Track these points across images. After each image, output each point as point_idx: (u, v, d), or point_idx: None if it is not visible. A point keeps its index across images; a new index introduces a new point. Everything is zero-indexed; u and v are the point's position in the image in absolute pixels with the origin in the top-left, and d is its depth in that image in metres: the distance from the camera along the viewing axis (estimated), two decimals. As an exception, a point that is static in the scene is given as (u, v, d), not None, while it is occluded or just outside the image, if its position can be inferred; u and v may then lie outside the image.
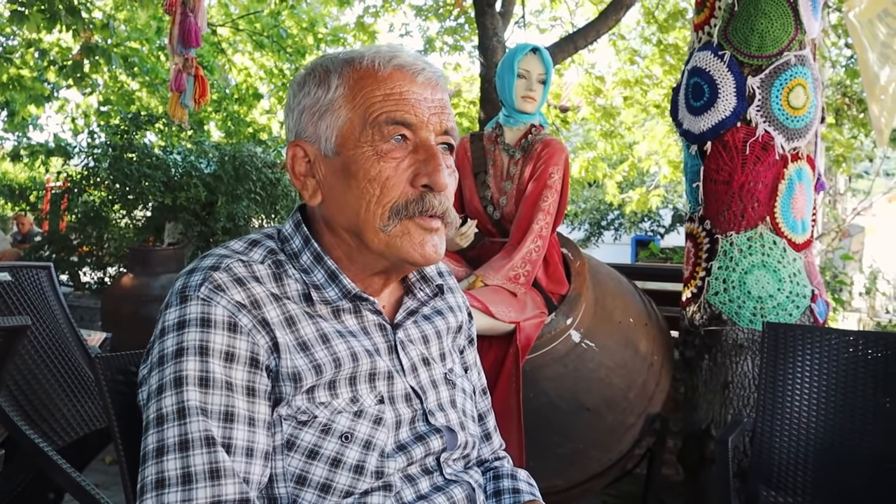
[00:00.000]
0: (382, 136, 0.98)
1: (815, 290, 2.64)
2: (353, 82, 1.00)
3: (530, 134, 2.62)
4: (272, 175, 6.66)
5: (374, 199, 0.98)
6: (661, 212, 14.61)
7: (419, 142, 0.99)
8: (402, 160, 0.98)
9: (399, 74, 0.99)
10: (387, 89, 0.98)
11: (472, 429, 1.13)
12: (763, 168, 2.60)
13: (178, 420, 0.88)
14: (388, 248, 0.99)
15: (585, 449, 2.61)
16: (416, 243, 0.99)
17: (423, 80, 1.00)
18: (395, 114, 0.98)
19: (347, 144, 0.99)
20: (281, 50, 9.66)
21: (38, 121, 11.00)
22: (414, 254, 0.99)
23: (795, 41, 2.59)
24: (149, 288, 5.11)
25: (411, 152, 0.99)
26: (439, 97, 1.02)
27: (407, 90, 0.99)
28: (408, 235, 0.98)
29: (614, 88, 8.97)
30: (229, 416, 0.90)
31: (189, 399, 0.88)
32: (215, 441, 0.88)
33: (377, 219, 0.98)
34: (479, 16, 5.89)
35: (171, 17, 4.21)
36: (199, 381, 0.89)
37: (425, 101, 1.00)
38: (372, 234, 0.99)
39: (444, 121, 1.01)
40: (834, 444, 2.14)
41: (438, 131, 1.01)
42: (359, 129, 0.99)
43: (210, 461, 0.87)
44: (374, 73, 1.00)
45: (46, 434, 2.29)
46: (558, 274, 2.61)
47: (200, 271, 0.96)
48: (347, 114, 0.99)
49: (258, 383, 0.93)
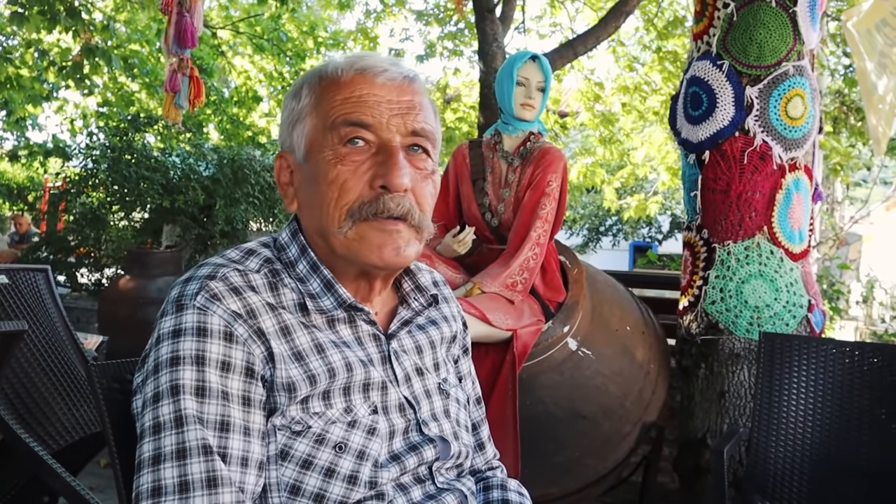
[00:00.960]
0: (340, 138, 0.98)
1: (811, 300, 2.65)
2: (320, 90, 1.01)
3: (529, 141, 2.62)
4: (271, 179, 6.67)
5: (333, 203, 0.98)
6: (660, 218, 14.63)
7: (381, 143, 0.99)
8: (362, 163, 0.99)
9: (359, 78, 1.00)
10: (346, 93, 0.99)
11: (465, 439, 1.13)
12: (761, 178, 2.60)
13: (176, 428, 0.87)
14: (348, 251, 1.00)
15: (581, 457, 2.61)
16: (373, 246, 0.98)
17: (385, 81, 1.00)
18: (352, 115, 0.98)
19: (313, 150, 1.01)
20: (281, 53, 9.67)
21: (37, 121, 10.98)
22: (372, 256, 0.99)
23: (794, 52, 2.60)
24: (146, 290, 5.11)
25: (373, 154, 0.99)
26: (408, 98, 1.01)
27: (367, 92, 0.99)
28: (364, 238, 0.98)
29: (613, 95, 8.99)
30: (225, 425, 0.90)
31: (186, 408, 0.88)
32: (212, 450, 0.88)
33: (335, 221, 0.99)
34: (479, 21, 5.91)
35: (167, 16, 4.21)
36: (195, 390, 0.89)
37: (387, 103, 0.99)
38: (333, 238, 1.00)
39: (409, 122, 1.00)
40: (830, 455, 2.14)
41: (404, 132, 1.00)
42: (321, 135, 1.00)
43: (207, 470, 0.87)
44: (337, 79, 1.01)
45: (42, 438, 2.29)
46: (556, 282, 2.61)
47: (196, 280, 0.96)
48: (313, 121, 1.01)
49: (253, 393, 0.93)
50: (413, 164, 1.01)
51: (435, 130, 1.05)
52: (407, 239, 1.00)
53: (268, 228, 7.23)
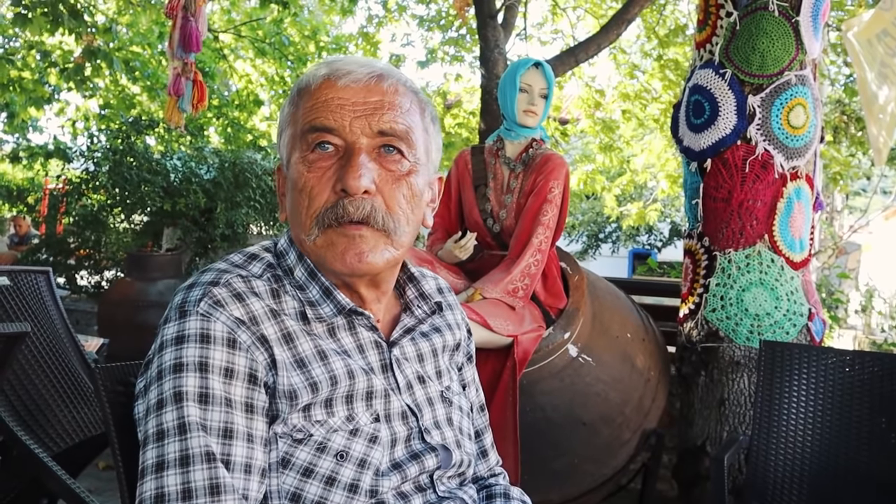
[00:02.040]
0: (308, 144, 0.98)
1: (812, 309, 2.65)
2: (297, 100, 1.01)
3: (531, 148, 2.63)
4: (272, 182, 6.67)
5: (304, 210, 0.98)
6: (659, 225, 14.64)
7: (346, 147, 0.98)
8: (328, 168, 0.98)
9: (325, 83, 0.99)
10: (314, 100, 0.99)
11: (468, 447, 1.13)
12: (762, 186, 2.61)
13: (179, 435, 0.87)
14: (317, 258, 1.00)
15: (580, 463, 2.61)
16: (338, 252, 0.98)
17: (348, 83, 0.98)
18: (315, 121, 0.98)
19: (290, 159, 1.01)
20: (283, 57, 9.68)
21: (38, 123, 10.99)
22: (336, 263, 0.98)
23: (796, 61, 2.61)
24: (146, 293, 5.10)
25: (339, 158, 0.98)
26: (376, 98, 0.99)
27: (331, 97, 0.98)
28: (331, 245, 0.98)
29: (614, 102, 9.00)
30: (228, 432, 0.90)
31: (189, 415, 0.88)
32: (215, 457, 0.88)
33: (306, 228, 0.99)
34: (481, 27, 5.91)
35: (172, 21, 4.23)
36: (198, 397, 0.89)
37: (351, 105, 0.97)
38: (304, 245, 1.00)
39: (374, 122, 0.98)
40: (829, 464, 2.15)
41: (370, 134, 0.98)
42: (294, 143, 1.00)
43: (210, 477, 0.87)
44: (308, 88, 1.00)
45: (42, 440, 2.29)
46: (557, 288, 2.61)
47: (200, 286, 0.96)
48: (290, 130, 1.02)
49: (256, 399, 0.93)
50: (383, 165, 0.99)
51: (412, 128, 1.01)
52: (372, 244, 0.98)
53: (269, 232, 7.23)
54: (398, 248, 1.01)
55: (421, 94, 1.06)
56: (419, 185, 1.03)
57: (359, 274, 1.00)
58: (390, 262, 1.02)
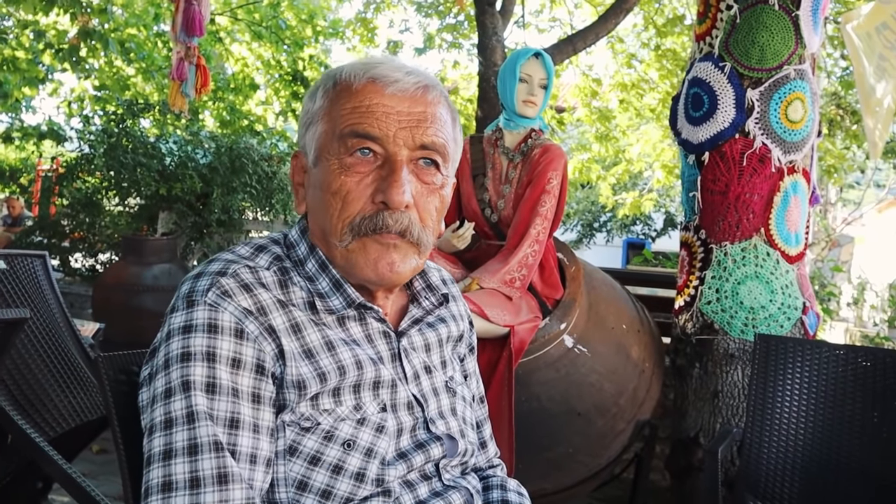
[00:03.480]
0: (347, 148, 0.97)
1: (806, 303, 2.67)
2: (334, 95, 1.00)
3: (530, 138, 2.63)
4: (268, 168, 6.65)
5: (336, 213, 0.98)
6: (654, 215, 14.67)
7: (387, 156, 0.98)
8: (367, 175, 0.98)
9: (371, 87, 0.98)
10: (356, 102, 0.98)
11: (471, 436, 1.14)
12: (759, 180, 2.62)
13: (187, 424, 0.88)
14: (346, 263, 1.00)
15: (575, 453, 2.63)
16: (370, 260, 0.98)
17: (395, 92, 0.98)
18: (359, 126, 0.97)
19: (321, 156, 1.00)
20: (279, 41, 9.63)
21: (31, 103, 10.92)
22: (367, 271, 0.99)
23: (795, 55, 2.61)
24: (141, 277, 5.08)
25: (378, 167, 0.98)
26: (420, 110, 0.99)
27: (377, 103, 0.97)
28: (363, 252, 0.98)
29: (611, 91, 8.99)
30: (234, 422, 0.90)
31: (197, 404, 0.89)
32: (223, 446, 0.88)
33: (337, 233, 0.99)
34: (479, 14, 5.89)
35: (175, 4, 4.20)
36: (206, 386, 0.90)
37: (396, 115, 0.97)
38: (334, 249, 1.00)
39: (418, 135, 0.98)
40: (822, 457, 2.17)
41: (412, 146, 0.98)
42: (329, 142, 0.99)
43: (218, 466, 0.87)
44: (349, 86, 0.99)
45: (38, 424, 2.29)
46: (553, 279, 2.62)
47: (207, 276, 0.96)
48: (323, 126, 1.00)
49: (263, 390, 0.94)
50: (420, 177, 1.00)
51: (449, 142, 1.03)
52: (404, 254, 0.99)
53: (264, 218, 7.21)
54: (423, 258, 1.03)
55: (450, 101, 1.06)
56: (448, 197, 1.05)
57: (387, 283, 1.02)
58: (415, 272, 1.04)
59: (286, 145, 8.00)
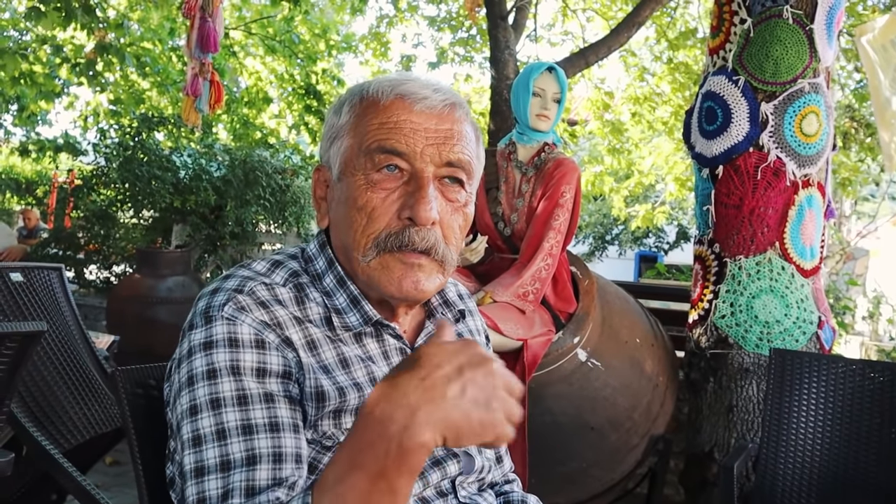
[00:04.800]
0: (374, 164, 0.97)
1: (821, 317, 2.65)
2: (360, 111, 1.00)
3: (543, 152, 2.63)
4: (282, 181, 6.68)
5: (361, 229, 0.98)
6: (666, 228, 14.63)
7: (413, 173, 0.98)
8: (393, 191, 0.97)
9: (399, 103, 0.98)
10: (384, 118, 0.98)
11: (487, 453, 1.14)
12: (774, 194, 2.61)
13: (218, 441, 0.88)
14: (369, 279, 1.00)
15: (588, 468, 2.62)
16: (394, 278, 0.98)
17: (423, 109, 0.98)
18: (386, 142, 0.97)
19: (347, 171, 1.00)
20: (292, 55, 9.70)
21: (48, 116, 11.04)
22: (391, 288, 0.98)
23: (810, 69, 2.61)
24: (155, 290, 5.12)
25: (404, 183, 0.98)
26: (447, 127, 0.99)
27: (404, 119, 0.97)
28: (387, 269, 0.98)
29: (623, 104, 9.00)
30: (274, 426, 0.90)
31: (228, 420, 0.88)
32: (255, 459, 0.87)
33: (361, 248, 0.98)
34: (491, 28, 5.92)
35: (190, 21, 4.24)
36: (236, 400, 0.90)
37: (423, 131, 0.97)
38: (356, 264, 1.00)
39: (445, 152, 0.98)
40: (838, 473, 2.15)
41: (438, 163, 0.98)
42: (355, 157, 0.99)
43: (247, 479, 0.86)
44: (377, 101, 0.99)
45: (53, 436, 2.30)
46: (567, 292, 2.62)
47: (224, 292, 0.96)
48: (349, 141, 1.00)
49: (294, 393, 0.94)
50: (445, 195, 1.00)
51: (473, 159, 1.03)
52: (428, 273, 0.99)
53: (278, 231, 7.24)
54: (446, 276, 1.03)
55: (474, 119, 1.06)
56: (470, 215, 1.05)
57: (411, 300, 1.02)
58: (438, 288, 1.03)
59: (299, 158, 8.04)
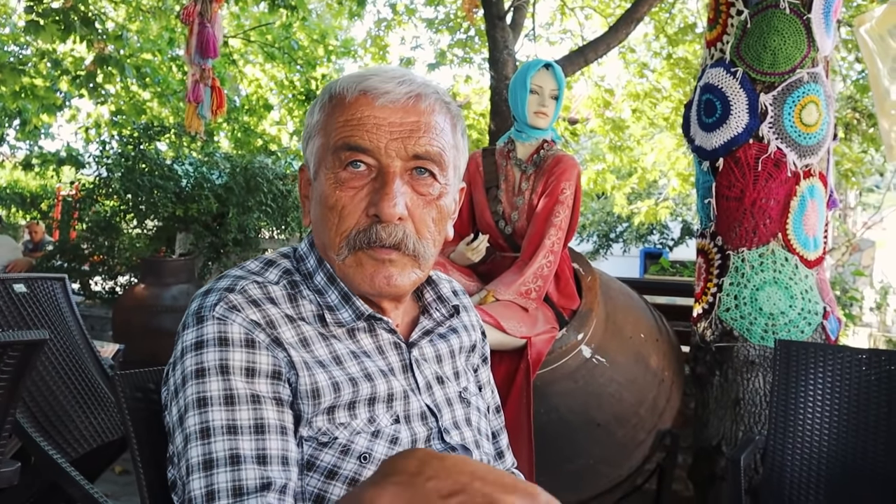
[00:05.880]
0: (340, 162, 0.97)
1: (826, 307, 2.64)
2: (329, 109, 1.00)
3: (542, 149, 2.63)
4: (283, 187, 6.70)
5: (334, 228, 0.98)
6: (670, 224, 14.58)
7: (380, 169, 0.97)
8: (360, 188, 0.97)
9: (362, 99, 0.98)
10: (348, 115, 0.98)
11: (486, 447, 1.14)
12: (775, 185, 2.60)
13: (202, 440, 0.88)
14: (345, 276, 1.00)
15: (595, 465, 2.61)
16: (366, 274, 0.98)
17: (386, 103, 0.97)
18: (350, 139, 0.96)
19: (319, 170, 1.01)
20: (292, 61, 9.72)
21: (50, 130, 11.09)
22: (364, 285, 0.99)
23: (808, 58, 2.60)
24: (160, 298, 5.13)
25: (372, 180, 0.97)
26: (412, 119, 0.98)
27: (367, 115, 0.97)
28: (360, 266, 0.98)
29: (623, 101, 8.98)
30: (260, 427, 0.90)
31: (213, 419, 0.89)
32: (240, 459, 0.88)
33: (335, 247, 0.99)
34: (489, 29, 5.91)
35: (189, 27, 4.26)
36: (224, 399, 0.90)
37: (387, 126, 0.96)
38: (332, 263, 1.01)
39: (411, 146, 0.97)
40: (846, 464, 2.14)
41: (405, 157, 0.97)
42: (325, 156, 0.99)
43: (233, 479, 0.87)
44: (343, 99, 0.99)
45: (60, 446, 2.31)
46: (569, 289, 2.61)
47: (216, 292, 0.97)
48: (320, 140, 1.01)
49: (283, 394, 0.94)
50: (416, 188, 0.99)
51: (447, 150, 1.01)
52: (401, 267, 0.99)
53: (280, 237, 7.25)
54: (424, 269, 1.03)
55: (453, 106, 1.05)
56: (448, 207, 1.04)
57: (385, 296, 1.02)
58: (416, 283, 1.03)
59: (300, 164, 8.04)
